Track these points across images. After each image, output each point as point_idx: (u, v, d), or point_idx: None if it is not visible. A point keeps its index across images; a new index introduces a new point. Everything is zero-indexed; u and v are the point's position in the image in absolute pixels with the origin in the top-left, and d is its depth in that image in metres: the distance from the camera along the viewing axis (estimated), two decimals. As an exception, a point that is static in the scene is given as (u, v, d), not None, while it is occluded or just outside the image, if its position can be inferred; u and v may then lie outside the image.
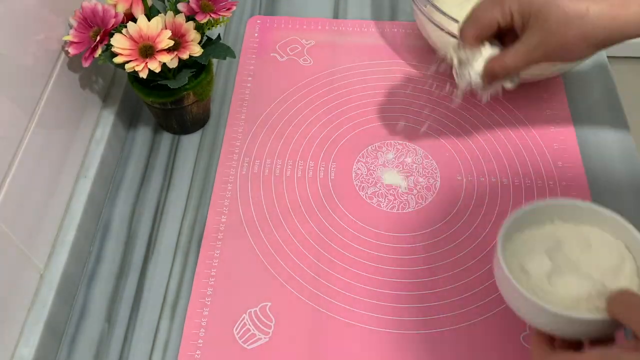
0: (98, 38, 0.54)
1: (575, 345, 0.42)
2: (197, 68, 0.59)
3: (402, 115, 0.66)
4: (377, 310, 0.53)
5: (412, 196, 0.61)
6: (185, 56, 0.55)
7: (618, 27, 0.46)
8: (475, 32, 0.51)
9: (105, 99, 0.64)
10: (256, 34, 0.75)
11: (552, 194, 0.60)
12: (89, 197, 0.57)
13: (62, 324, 0.53)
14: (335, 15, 0.77)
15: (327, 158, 0.63)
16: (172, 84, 0.57)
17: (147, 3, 0.57)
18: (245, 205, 0.60)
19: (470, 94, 0.57)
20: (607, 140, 0.64)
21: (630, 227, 0.44)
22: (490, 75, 0.51)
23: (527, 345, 0.51)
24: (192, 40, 0.56)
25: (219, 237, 0.58)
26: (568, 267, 0.44)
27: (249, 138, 0.65)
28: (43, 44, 0.52)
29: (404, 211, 0.59)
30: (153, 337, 0.53)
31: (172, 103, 0.60)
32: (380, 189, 0.61)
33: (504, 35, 0.52)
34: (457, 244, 0.57)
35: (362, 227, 0.58)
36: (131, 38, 0.54)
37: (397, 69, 0.71)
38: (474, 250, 0.57)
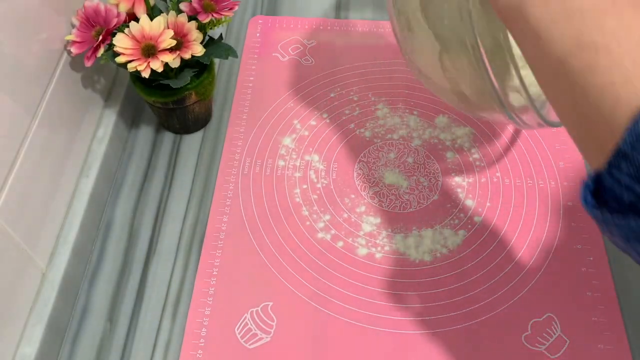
0: (100, 38, 0.54)
1: None
2: (199, 68, 0.60)
3: (404, 115, 0.67)
4: (379, 310, 0.53)
5: (414, 196, 0.61)
6: (187, 56, 0.55)
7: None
8: None
9: (107, 98, 0.64)
10: (258, 34, 0.75)
11: (553, 194, 0.60)
12: (91, 196, 0.57)
13: (64, 323, 0.53)
14: (337, 16, 0.77)
15: (328, 158, 0.63)
16: (174, 84, 0.57)
17: (149, 3, 0.57)
18: (247, 205, 0.60)
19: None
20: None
21: None
22: None
23: (529, 346, 0.52)
24: (194, 40, 0.56)
25: (220, 236, 0.58)
26: None
27: (250, 138, 0.65)
28: (45, 44, 0.52)
29: (406, 211, 0.59)
30: (155, 336, 0.53)
31: (174, 103, 0.60)
32: (381, 189, 0.61)
33: None
34: (459, 244, 0.57)
35: (363, 226, 0.58)
36: (133, 38, 0.54)
37: (398, 69, 0.71)
38: (476, 251, 0.57)
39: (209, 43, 0.60)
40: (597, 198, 0.31)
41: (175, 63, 0.54)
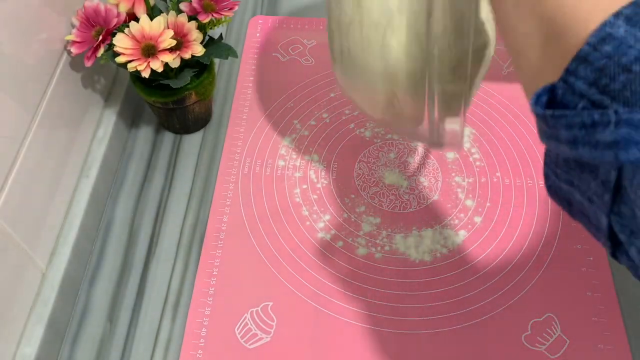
0: (100, 38, 0.54)
1: None
2: (199, 68, 0.60)
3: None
4: (379, 310, 0.53)
5: (414, 196, 0.61)
6: (187, 56, 0.55)
7: None
8: None
9: (107, 98, 0.64)
10: (258, 34, 0.75)
11: (553, 194, 0.60)
12: (91, 196, 0.57)
13: (64, 323, 0.53)
14: (337, 15, 0.77)
15: (328, 158, 0.63)
16: (174, 84, 0.57)
17: (149, 3, 0.57)
18: (247, 205, 0.60)
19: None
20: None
21: None
22: None
23: (529, 346, 0.52)
24: (194, 40, 0.56)
25: (220, 236, 0.58)
26: None
27: (250, 138, 0.65)
28: (45, 44, 0.52)
29: (406, 211, 0.60)
30: (155, 336, 0.53)
31: (173, 103, 0.60)
32: (381, 189, 0.61)
33: None
34: (459, 244, 0.57)
35: (363, 226, 0.58)
36: (133, 38, 0.54)
37: (398, 69, 0.71)
38: (476, 251, 0.57)
39: (209, 43, 0.60)
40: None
41: (175, 63, 0.54)
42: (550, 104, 0.28)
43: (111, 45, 0.54)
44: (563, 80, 0.27)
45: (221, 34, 0.61)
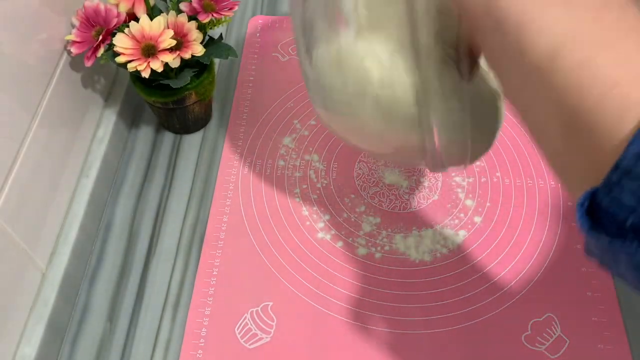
0: (100, 38, 0.54)
1: None
2: (199, 68, 0.60)
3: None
4: (379, 310, 0.53)
5: (414, 196, 0.61)
6: (187, 56, 0.55)
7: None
8: None
9: (107, 98, 0.64)
10: (258, 34, 0.75)
11: (553, 194, 0.60)
12: (91, 196, 0.57)
13: (64, 323, 0.53)
14: (337, 15, 0.77)
15: (328, 158, 0.63)
16: (174, 84, 0.57)
17: (149, 3, 0.57)
18: (247, 205, 0.60)
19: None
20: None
21: None
22: None
23: (529, 346, 0.52)
24: (194, 40, 0.56)
25: (220, 236, 0.58)
26: None
27: (250, 138, 0.65)
28: (45, 44, 0.52)
29: (406, 211, 0.60)
30: (155, 336, 0.53)
31: (174, 103, 0.60)
32: (381, 189, 0.61)
33: None
34: (459, 245, 0.57)
35: (363, 226, 0.58)
36: (133, 38, 0.54)
37: (398, 69, 0.71)
38: (476, 251, 0.57)
39: (209, 43, 0.60)
40: (591, 219, 0.26)
41: (175, 63, 0.54)
42: (593, 210, 0.26)
43: (111, 45, 0.54)
44: (606, 191, 0.25)
45: (221, 34, 0.61)
